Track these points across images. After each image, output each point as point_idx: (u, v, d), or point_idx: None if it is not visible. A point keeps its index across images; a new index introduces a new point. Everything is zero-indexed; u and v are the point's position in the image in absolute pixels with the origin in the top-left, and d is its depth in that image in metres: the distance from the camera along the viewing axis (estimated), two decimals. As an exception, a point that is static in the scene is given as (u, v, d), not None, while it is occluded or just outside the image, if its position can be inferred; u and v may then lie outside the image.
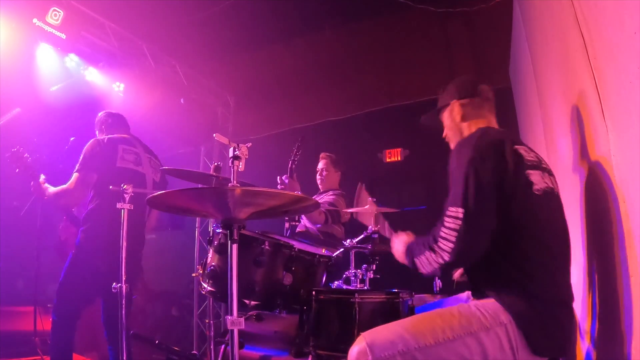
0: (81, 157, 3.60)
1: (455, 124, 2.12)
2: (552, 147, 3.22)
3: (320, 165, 4.70)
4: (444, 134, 2.22)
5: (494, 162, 1.74)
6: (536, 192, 1.76)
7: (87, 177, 3.55)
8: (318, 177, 4.66)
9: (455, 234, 1.67)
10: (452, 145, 2.13)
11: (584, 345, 2.31)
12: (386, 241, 2.33)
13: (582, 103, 2.10)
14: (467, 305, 1.75)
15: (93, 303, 3.64)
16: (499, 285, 1.71)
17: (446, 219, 1.72)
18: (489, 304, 1.71)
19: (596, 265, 2.09)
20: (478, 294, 1.80)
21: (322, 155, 4.75)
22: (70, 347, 3.50)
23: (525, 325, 1.64)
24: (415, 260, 1.84)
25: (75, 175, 3.57)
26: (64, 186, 3.58)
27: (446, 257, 1.69)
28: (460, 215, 1.68)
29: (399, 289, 2.14)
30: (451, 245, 1.68)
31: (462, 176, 1.74)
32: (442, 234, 1.71)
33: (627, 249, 1.64)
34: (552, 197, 1.81)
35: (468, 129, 2.08)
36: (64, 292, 3.50)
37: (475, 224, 1.68)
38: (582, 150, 2.22)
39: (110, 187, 2.94)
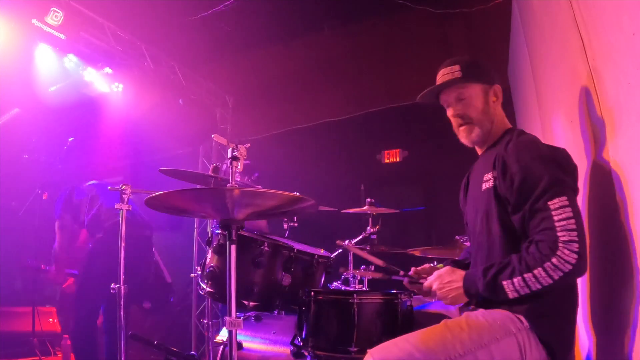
0: None
1: (490, 109, 1.93)
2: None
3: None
4: (457, 114, 1.96)
5: (568, 161, 1.70)
6: None
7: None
8: None
9: (574, 221, 1.52)
10: (477, 131, 1.93)
11: (583, 345, 2.31)
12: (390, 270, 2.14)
13: (581, 104, 2.10)
14: (474, 316, 1.72)
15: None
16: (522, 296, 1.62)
17: (554, 212, 1.55)
18: (496, 313, 1.69)
19: (596, 265, 2.09)
20: (486, 303, 1.77)
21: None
22: (96, 350, 3.86)
23: (547, 335, 1.64)
24: (505, 282, 1.60)
25: None
26: None
27: (576, 247, 1.50)
28: (567, 202, 1.55)
29: (397, 290, 2.14)
30: (576, 233, 1.51)
31: (550, 167, 1.62)
32: (559, 227, 1.52)
33: (627, 249, 1.64)
34: None
35: (498, 123, 1.95)
36: (82, 292, 3.96)
37: (578, 209, 1.56)
38: (581, 151, 2.22)
39: (109, 187, 2.95)
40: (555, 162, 1.66)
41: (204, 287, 2.43)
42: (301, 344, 2.08)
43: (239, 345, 2.66)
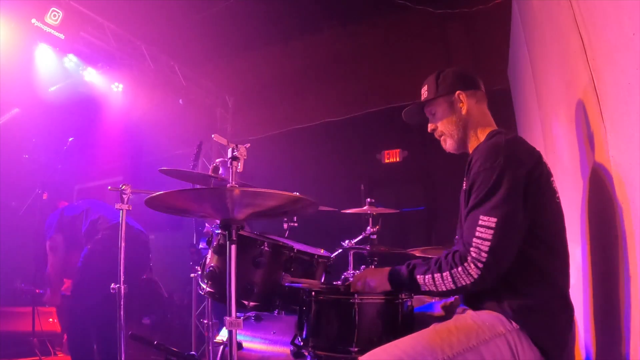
0: None
1: (460, 117, 1.98)
2: (550, 149, 3.23)
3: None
4: (432, 129, 2.07)
5: (529, 169, 1.68)
6: (557, 200, 1.77)
7: None
8: None
9: (488, 244, 1.60)
10: (449, 141, 2.01)
11: (583, 345, 2.32)
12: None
13: (581, 104, 2.10)
14: (463, 318, 1.73)
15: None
16: (508, 294, 1.67)
17: (478, 228, 1.63)
18: (485, 314, 1.69)
19: (596, 266, 2.09)
20: (475, 304, 1.78)
21: None
22: (91, 348, 3.92)
23: (537, 333, 1.63)
24: (419, 276, 1.74)
25: None
26: None
27: (480, 265, 1.60)
28: (493, 225, 1.61)
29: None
30: (485, 255, 1.60)
31: (494, 182, 1.65)
32: (474, 244, 1.62)
33: (626, 249, 1.64)
34: (560, 204, 1.81)
35: (475, 126, 1.97)
36: (78, 291, 4.02)
37: (508, 232, 1.62)
38: (581, 152, 2.22)
39: (109, 187, 2.96)
40: (505, 174, 1.66)
41: (204, 287, 2.42)
42: (301, 344, 2.08)
43: (239, 345, 2.66)
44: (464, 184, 1.84)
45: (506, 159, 1.68)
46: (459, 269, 1.64)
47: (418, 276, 1.75)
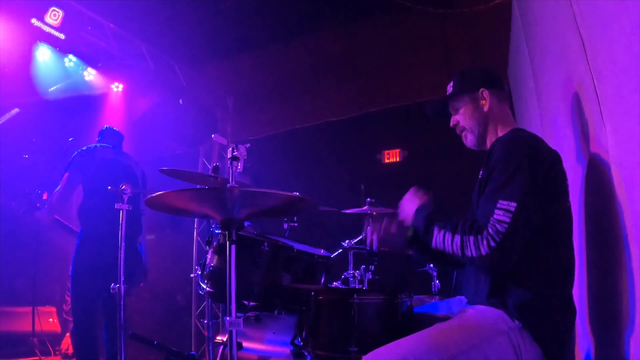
0: None
1: (481, 114, 2.01)
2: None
3: None
4: (454, 124, 2.10)
5: (548, 164, 1.73)
6: (568, 204, 1.80)
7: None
8: None
9: (506, 226, 1.61)
10: (470, 137, 2.04)
11: (583, 345, 2.32)
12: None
13: (581, 104, 2.10)
14: (465, 317, 1.74)
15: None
16: (511, 292, 1.68)
17: (497, 211, 1.64)
18: (487, 312, 1.70)
19: (596, 265, 2.09)
20: (477, 300, 1.78)
21: None
22: (95, 348, 3.83)
23: (538, 331, 1.64)
24: (436, 229, 1.76)
25: None
26: None
27: (493, 244, 1.60)
28: (512, 209, 1.62)
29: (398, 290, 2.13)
30: (501, 236, 1.60)
31: (515, 169, 1.68)
32: (492, 222, 1.63)
33: (626, 249, 1.64)
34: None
35: (495, 123, 2.00)
36: (75, 290, 3.88)
37: (524, 219, 1.63)
38: (582, 152, 2.22)
39: (109, 187, 2.96)
40: (526, 163, 1.69)
41: (204, 287, 2.43)
42: (301, 344, 2.08)
43: (239, 345, 2.66)
44: (481, 173, 1.86)
45: (528, 150, 1.73)
46: (471, 238, 1.65)
47: (435, 226, 1.77)
